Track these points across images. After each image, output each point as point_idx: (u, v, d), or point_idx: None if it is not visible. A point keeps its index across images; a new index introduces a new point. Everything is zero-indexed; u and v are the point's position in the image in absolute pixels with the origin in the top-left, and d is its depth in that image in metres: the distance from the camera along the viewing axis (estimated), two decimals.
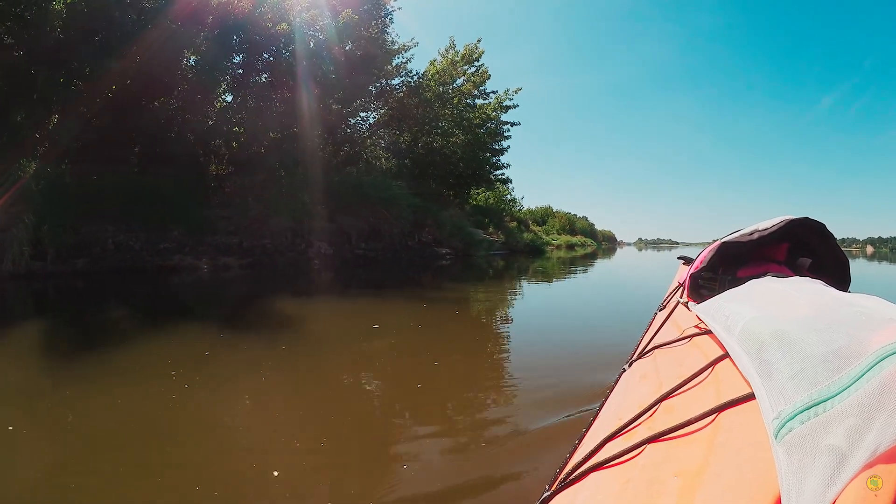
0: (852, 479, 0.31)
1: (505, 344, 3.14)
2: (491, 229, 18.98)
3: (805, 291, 0.68)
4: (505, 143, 19.78)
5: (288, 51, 10.68)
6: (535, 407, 1.83)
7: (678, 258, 2.08)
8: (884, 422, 0.33)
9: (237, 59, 10.49)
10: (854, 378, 0.38)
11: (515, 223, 23.91)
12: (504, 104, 18.65)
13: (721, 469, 0.43)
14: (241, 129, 10.58)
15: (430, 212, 13.44)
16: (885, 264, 16.19)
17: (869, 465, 0.31)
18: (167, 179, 8.64)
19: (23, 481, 1.28)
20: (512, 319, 4.20)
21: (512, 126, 19.22)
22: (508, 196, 26.25)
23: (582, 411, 1.71)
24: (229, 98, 11.27)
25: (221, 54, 9.66)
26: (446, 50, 17.45)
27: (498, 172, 20.59)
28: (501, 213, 23.43)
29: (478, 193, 22.45)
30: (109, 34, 8.13)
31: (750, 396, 0.51)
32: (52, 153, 8.07)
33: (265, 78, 11.07)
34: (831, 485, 0.31)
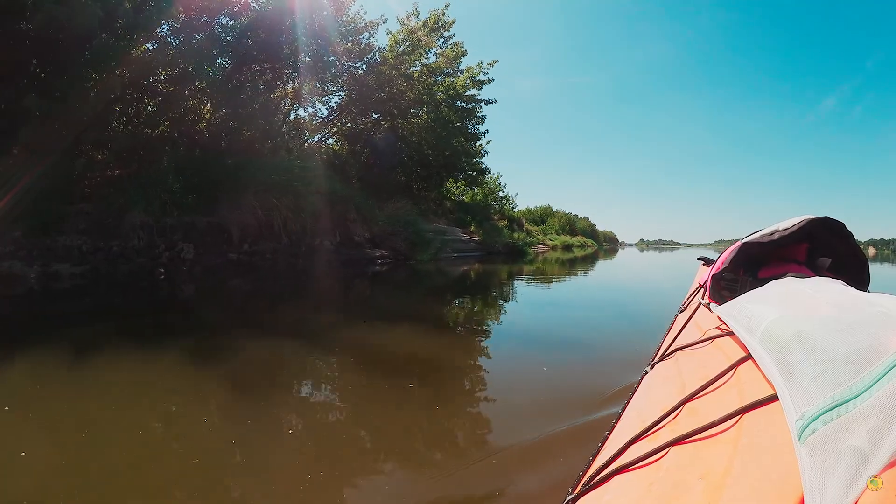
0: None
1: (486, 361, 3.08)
2: (472, 228, 17.23)
3: (826, 291, 0.68)
4: (482, 128, 17.35)
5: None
6: (554, 410, 1.84)
7: (698, 259, 2.07)
8: None
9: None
10: (876, 378, 0.38)
11: (506, 222, 22.32)
12: (477, 78, 15.81)
13: (745, 471, 0.44)
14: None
15: (356, 203, 10.37)
16: (886, 266, 15.28)
17: (890, 466, 0.31)
18: (30, 169, 7.00)
19: None
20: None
21: (487, 104, 16.59)
22: (501, 193, 24.77)
23: (604, 414, 1.70)
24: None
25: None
26: (408, 17, 14.52)
27: (477, 161, 18.23)
28: (488, 210, 21.66)
29: (458, 187, 20.45)
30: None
31: (773, 398, 0.51)
32: None
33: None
34: (853, 486, 0.32)
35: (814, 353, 0.48)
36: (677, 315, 1.44)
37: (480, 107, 16.59)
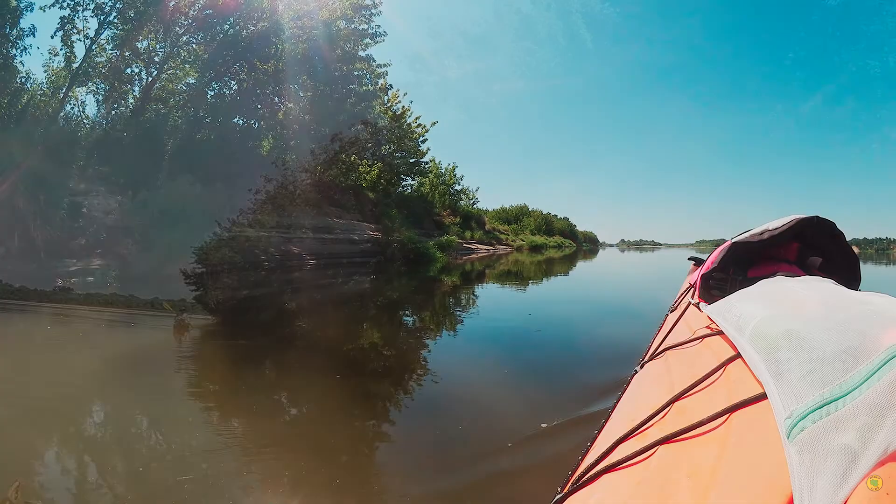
0: (863, 479, 0.31)
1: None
2: (396, 223, 13.73)
3: (816, 290, 0.68)
4: (383, 81, 13.42)
5: None
6: (543, 410, 1.83)
7: (689, 259, 2.09)
8: (895, 420, 0.33)
9: None
10: (865, 377, 0.38)
11: (457, 219, 19.66)
12: (359, 4, 11.33)
13: (733, 470, 0.44)
14: None
15: (26, 183, 5.43)
16: (870, 264, 15.25)
17: (880, 464, 0.31)
18: None
19: None
20: None
21: (374, 39, 11.97)
22: (457, 186, 22.01)
23: (593, 413, 1.70)
24: None
25: None
26: None
27: (403, 136, 13.57)
28: (431, 205, 18.52)
29: (371, 171, 14.74)
30: None
31: (762, 396, 0.51)
32: None
33: None
34: (843, 484, 0.31)
35: (803, 351, 0.48)
36: (668, 315, 1.45)
37: (366, 46, 11.65)
